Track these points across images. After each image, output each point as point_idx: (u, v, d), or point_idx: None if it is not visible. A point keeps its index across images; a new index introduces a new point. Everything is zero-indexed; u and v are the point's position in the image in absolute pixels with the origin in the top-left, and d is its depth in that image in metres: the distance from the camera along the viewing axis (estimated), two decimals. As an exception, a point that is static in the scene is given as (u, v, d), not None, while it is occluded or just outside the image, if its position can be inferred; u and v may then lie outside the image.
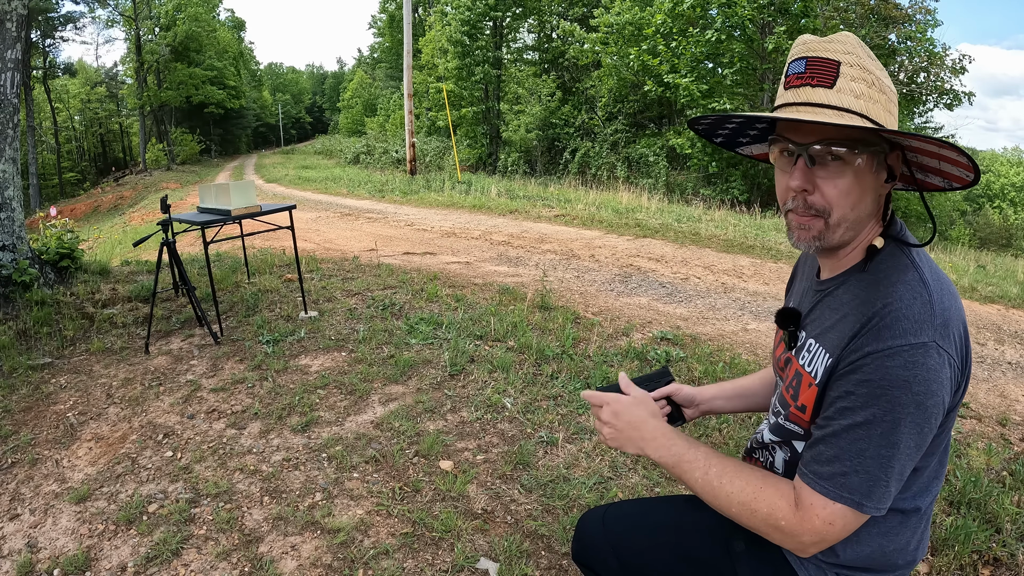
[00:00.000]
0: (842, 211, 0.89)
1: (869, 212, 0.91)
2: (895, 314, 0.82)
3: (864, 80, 0.85)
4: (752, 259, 6.28)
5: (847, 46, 0.86)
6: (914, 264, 0.88)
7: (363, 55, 66.23)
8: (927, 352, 0.80)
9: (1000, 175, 40.31)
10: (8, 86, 4.01)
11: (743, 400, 1.29)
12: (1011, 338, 4.13)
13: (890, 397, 0.80)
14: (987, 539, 1.94)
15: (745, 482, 0.92)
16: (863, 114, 0.85)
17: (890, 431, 0.81)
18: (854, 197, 0.88)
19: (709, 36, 15.71)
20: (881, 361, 0.81)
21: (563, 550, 1.89)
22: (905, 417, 0.80)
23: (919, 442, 0.83)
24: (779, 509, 0.88)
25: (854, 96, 0.85)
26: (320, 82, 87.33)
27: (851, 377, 0.84)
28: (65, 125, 40.54)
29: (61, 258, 4.43)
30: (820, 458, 0.86)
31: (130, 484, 2.23)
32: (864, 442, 0.82)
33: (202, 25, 35.82)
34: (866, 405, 0.82)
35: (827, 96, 0.85)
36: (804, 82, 0.87)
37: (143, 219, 15.02)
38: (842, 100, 0.85)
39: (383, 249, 6.36)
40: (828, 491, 0.84)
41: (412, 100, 15.78)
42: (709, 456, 0.96)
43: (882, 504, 0.84)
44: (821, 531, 0.85)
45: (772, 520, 0.88)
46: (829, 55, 0.86)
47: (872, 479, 0.82)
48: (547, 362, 3.24)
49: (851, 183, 0.87)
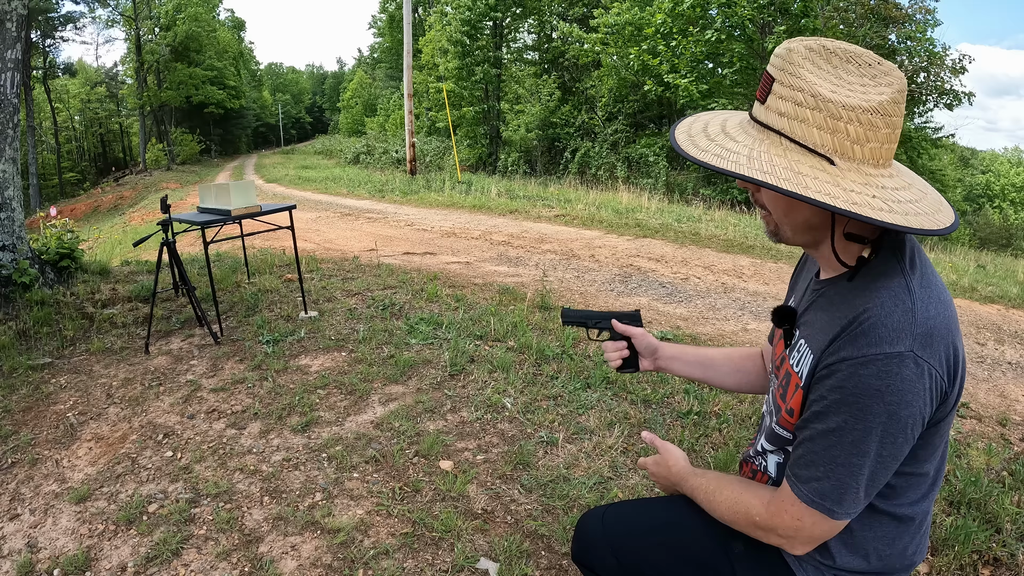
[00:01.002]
0: (777, 216, 0.92)
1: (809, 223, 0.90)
2: (872, 321, 0.81)
3: (792, 99, 0.81)
4: (752, 259, 6.28)
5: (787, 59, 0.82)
6: (903, 271, 0.85)
7: (363, 55, 66.30)
8: (903, 362, 0.78)
9: (1000, 175, 40.32)
10: (8, 86, 4.01)
11: (702, 369, 1.31)
12: (1011, 338, 4.12)
13: (861, 405, 0.80)
14: (987, 539, 1.94)
15: (730, 491, 1.01)
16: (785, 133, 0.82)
17: (861, 439, 0.81)
18: (782, 208, 0.90)
19: (709, 36, 15.70)
20: (855, 368, 0.80)
21: (563, 550, 1.89)
22: (876, 427, 0.80)
23: (893, 452, 0.82)
24: (753, 507, 0.95)
25: (778, 115, 0.83)
26: (320, 82, 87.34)
27: (826, 382, 0.85)
28: (65, 125, 40.55)
29: (61, 258, 4.43)
30: (799, 461, 0.89)
31: (130, 484, 2.23)
32: (836, 449, 0.83)
33: (202, 25, 35.83)
34: (838, 411, 0.82)
35: (762, 113, 0.86)
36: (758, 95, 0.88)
37: (143, 219, 15.02)
38: (768, 118, 0.84)
39: (383, 249, 6.36)
40: (800, 493, 0.87)
41: (412, 100, 15.78)
42: (709, 480, 1.06)
43: (852, 510, 0.85)
44: (792, 526, 0.89)
45: (749, 518, 0.95)
46: (771, 70, 0.85)
47: (842, 487, 0.83)
48: (547, 362, 3.24)
49: (775, 196, 0.89)
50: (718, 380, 1.32)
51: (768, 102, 0.84)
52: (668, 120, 20.56)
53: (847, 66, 0.82)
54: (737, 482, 1.02)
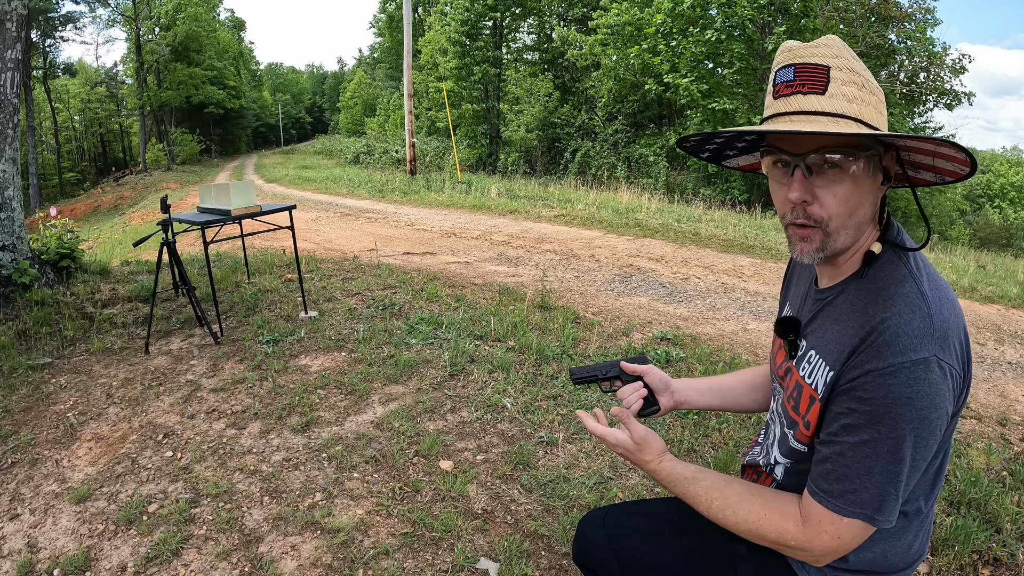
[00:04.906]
0: (841, 219, 0.88)
1: (867, 216, 0.91)
2: (894, 330, 0.81)
3: (855, 83, 0.84)
4: (752, 259, 6.28)
5: (834, 49, 0.85)
6: (912, 274, 0.87)
7: (363, 55, 66.32)
8: (928, 367, 0.79)
9: (1000, 175, 40.32)
10: (8, 86, 4.01)
11: (718, 396, 1.28)
12: (1011, 338, 4.12)
13: (894, 415, 0.80)
14: (987, 539, 1.94)
15: (748, 511, 0.94)
16: (857, 118, 0.84)
17: (896, 447, 0.81)
18: (853, 203, 0.88)
19: (709, 36, 15.70)
20: (883, 379, 0.81)
21: (563, 550, 1.89)
22: (909, 433, 0.80)
23: (925, 454, 0.83)
24: (786, 532, 0.90)
25: (847, 100, 0.83)
26: (320, 82, 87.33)
27: (853, 394, 0.84)
28: (65, 125, 40.54)
29: (61, 258, 4.43)
30: (829, 476, 0.86)
31: (130, 484, 2.23)
32: (871, 460, 0.82)
33: (202, 25, 35.82)
34: (870, 423, 0.82)
35: (820, 103, 0.84)
36: (795, 90, 0.86)
37: (143, 219, 15.02)
38: (836, 106, 0.84)
39: (383, 249, 6.36)
40: (839, 508, 0.85)
41: (412, 100, 15.78)
42: (709, 491, 0.99)
43: (892, 516, 0.84)
44: (831, 545, 0.87)
45: (782, 542, 0.91)
46: (818, 60, 0.84)
47: (882, 494, 0.83)
48: (547, 362, 3.24)
49: (849, 190, 0.86)
50: (736, 405, 1.29)
51: (831, 90, 0.84)
52: (668, 120, 20.54)
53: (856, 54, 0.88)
54: (749, 497, 0.96)
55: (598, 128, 20.19)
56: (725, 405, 1.30)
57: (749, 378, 1.29)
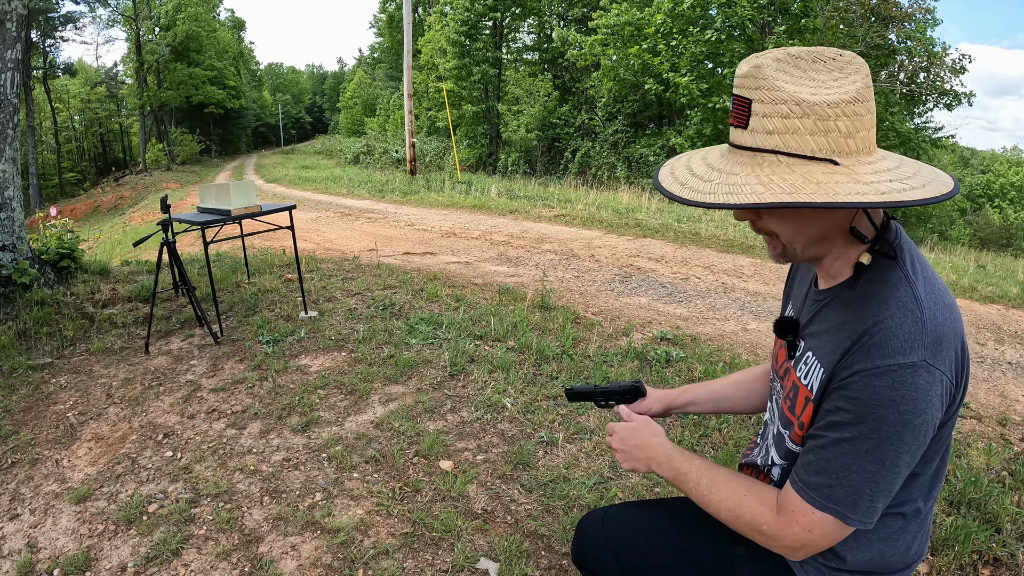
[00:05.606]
0: (787, 236, 0.89)
1: (826, 232, 0.89)
2: (884, 333, 0.82)
3: (778, 113, 0.79)
4: (752, 259, 6.28)
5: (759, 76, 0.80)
6: (907, 278, 0.85)
7: (363, 55, 66.32)
8: (916, 372, 0.79)
9: (1000, 175, 40.34)
10: (8, 86, 4.01)
11: (716, 404, 1.32)
12: (1011, 338, 4.12)
13: (877, 416, 0.80)
14: (987, 539, 1.94)
15: (731, 491, 0.97)
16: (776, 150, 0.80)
17: (876, 448, 0.81)
18: (794, 226, 0.88)
19: (709, 36, 15.70)
20: (869, 380, 0.81)
21: (563, 550, 1.89)
22: (891, 435, 0.81)
23: (908, 459, 0.83)
24: (760, 515, 0.92)
25: (767, 133, 0.80)
26: (320, 82, 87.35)
27: (841, 392, 0.85)
28: (65, 125, 40.55)
29: (61, 258, 4.43)
30: (809, 468, 0.88)
31: (130, 484, 2.23)
32: (850, 457, 0.83)
33: (202, 25, 35.82)
34: (853, 422, 0.83)
35: (742, 137, 0.83)
36: (733, 122, 0.85)
37: (143, 219, 15.02)
38: (756, 140, 0.82)
39: (383, 249, 6.36)
40: (813, 500, 0.86)
41: (412, 100, 15.78)
42: (701, 468, 1.02)
43: (867, 518, 0.85)
44: (801, 537, 0.88)
45: (755, 525, 0.92)
46: (742, 92, 0.82)
47: (857, 493, 0.83)
48: (547, 362, 3.24)
49: (782, 215, 0.87)
50: (735, 410, 1.32)
51: (752, 124, 0.82)
52: (668, 120, 20.53)
53: (815, 66, 0.82)
54: (735, 479, 0.99)
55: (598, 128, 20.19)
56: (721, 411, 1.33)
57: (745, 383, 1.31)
